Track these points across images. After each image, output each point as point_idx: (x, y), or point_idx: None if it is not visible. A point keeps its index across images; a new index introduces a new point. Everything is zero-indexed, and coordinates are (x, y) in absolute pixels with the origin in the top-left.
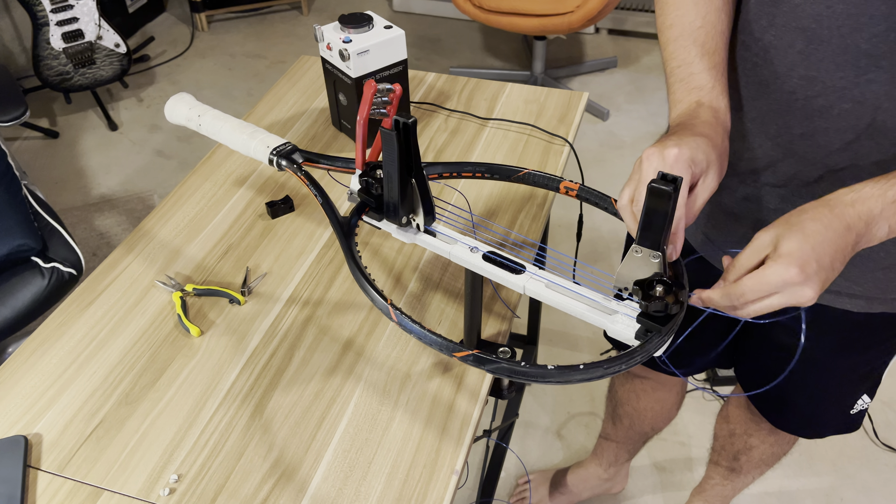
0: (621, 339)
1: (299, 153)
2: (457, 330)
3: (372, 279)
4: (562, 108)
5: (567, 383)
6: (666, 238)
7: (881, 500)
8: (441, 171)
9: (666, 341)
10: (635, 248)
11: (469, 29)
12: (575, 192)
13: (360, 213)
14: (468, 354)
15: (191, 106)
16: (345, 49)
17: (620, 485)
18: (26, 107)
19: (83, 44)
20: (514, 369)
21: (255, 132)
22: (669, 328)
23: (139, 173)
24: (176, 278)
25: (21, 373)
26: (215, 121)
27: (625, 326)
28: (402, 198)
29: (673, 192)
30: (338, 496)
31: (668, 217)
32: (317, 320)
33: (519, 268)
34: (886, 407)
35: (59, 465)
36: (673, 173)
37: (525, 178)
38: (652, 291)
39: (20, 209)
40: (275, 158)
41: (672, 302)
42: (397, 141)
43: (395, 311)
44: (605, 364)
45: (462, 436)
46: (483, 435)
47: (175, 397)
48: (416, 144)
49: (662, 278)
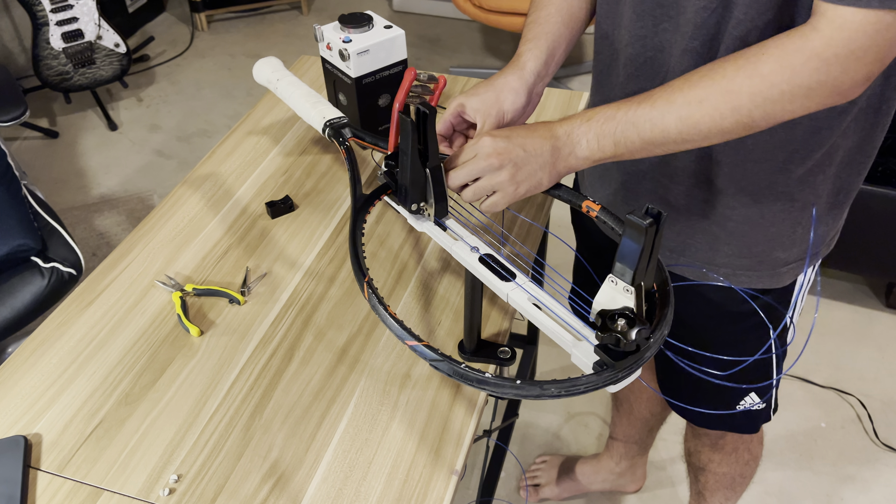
0: (580, 367)
1: (349, 129)
2: (457, 329)
3: (363, 255)
4: (562, 108)
5: (501, 397)
6: (640, 274)
7: (881, 500)
8: None
9: (621, 379)
10: (612, 277)
11: (469, 29)
12: (595, 214)
13: (378, 193)
14: (415, 344)
15: (274, 69)
16: (345, 49)
17: (636, 483)
18: (26, 107)
19: (83, 44)
20: (455, 369)
21: (318, 102)
22: (627, 367)
23: (139, 173)
24: (176, 278)
25: (21, 373)
26: (289, 86)
27: (584, 355)
28: (414, 184)
29: (648, 227)
30: (338, 496)
31: (641, 252)
32: (317, 320)
33: (508, 276)
34: (886, 407)
35: (59, 466)
36: (447, 118)
37: (549, 190)
38: (613, 324)
39: (20, 209)
40: (327, 129)
41: (631, 339)
42: (412, 128)
43: (368, 288)
44: (543, 385)
45: (462, 436)
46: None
47: (175, 397)
48: (433, 135)
49: (626, 312)
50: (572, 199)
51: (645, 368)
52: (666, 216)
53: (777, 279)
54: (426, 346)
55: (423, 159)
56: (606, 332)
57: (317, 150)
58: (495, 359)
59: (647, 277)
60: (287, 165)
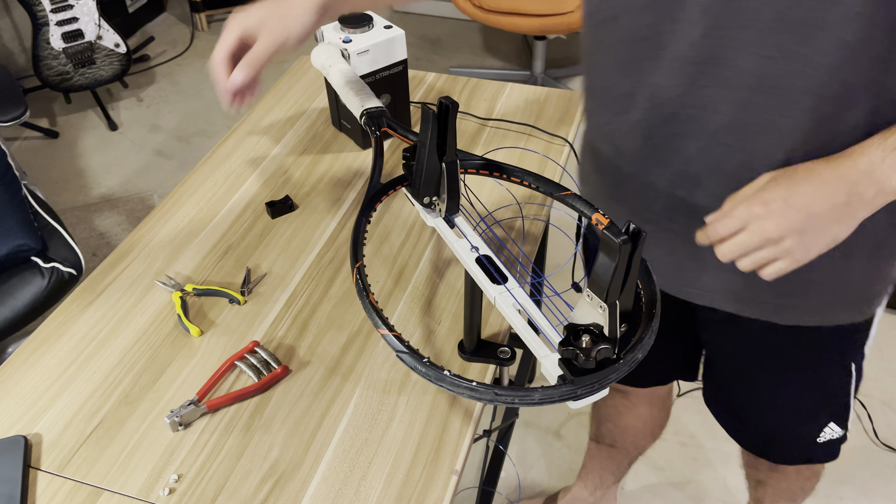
0: (547, 377)
1: (385, 119)
2: (457, 329)
3: (363, 242)
4: (562, 108)
5: (459, 395)
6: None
7: (881, 500)
8: (481, 166)
9: (582, 396)
10: (587, 293)
11: (469, 29)
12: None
13: (394, 183)
14: (386, 333)
15: (329, 55)
16: (345, 49)
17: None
18: (26, 107)
19: (83, 44)
20: (416, 364)
21: (361, 90)
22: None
23: (139, 173)
24: (176, 278)
25: (21, 373)
26: (339, 74)
27: (551, 366)
28: (429, 178)
29: (621, 245)
30: (338, 496)
31: (614, 270)
32: (317, 320)
33: (499, 279)
34: (886, 407)
35: (59, 465)
36: (228, 43)
37: (565, 199)
38: (577, 339)
39: (20, 209)
40: (364, 117)
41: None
42: (434, 119)
43: (357, 274)
44: (497, 391)
45: (462, 436)
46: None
47: (175, 397)
48: (453, 130)
49: (591, 328)
50: (583, 209)
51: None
52: (646, 235)
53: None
54: (396, 337)
55: (440, 153)
56: (568, 346)
57: (317, 150)
58: (495, 359)
59: (623, 297)
60: (287, 165)
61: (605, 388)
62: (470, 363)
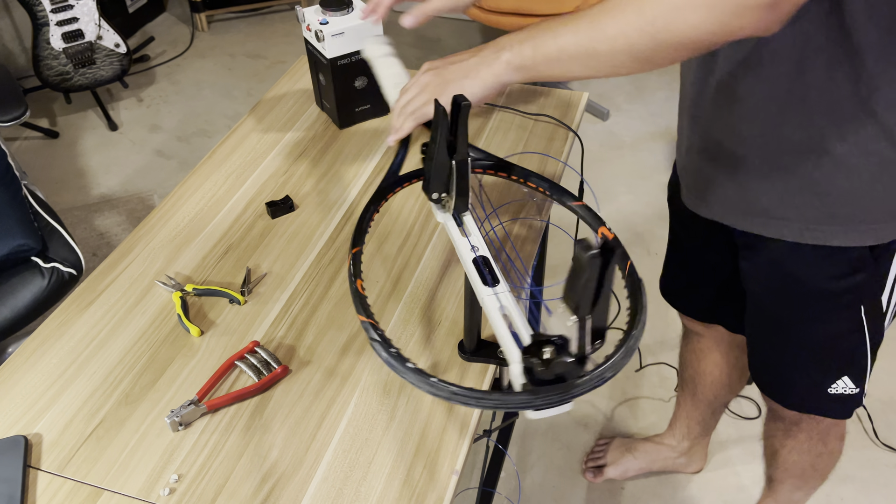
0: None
1: None
2: (458, 329)
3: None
4: (562, 108)
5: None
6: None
7: (881, 500)
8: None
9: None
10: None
11: (469, 29)
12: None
13: (409, 177)
14: (364, 321)
15: (379, 46)
16: (320, 30)
17: (697, 464)
18: (26, 107)
19: (83, 44)
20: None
21: (398, 85)
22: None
23: (139, 173)
24: (176, 278)
25: (21, 373)
26: (381, 67)
27: (517, 374)
28: (438, 174)
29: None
30: (338, 496)
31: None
32: (317, 320)
33: (491, 282)
34: (886, 407)
35: (59, 465)
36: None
37: (575, 209)
38: (539, 349)
39: (20, 209)
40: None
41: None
42: (445, 115)
43: (351, 259)
44: (455, 388)
45: (462, 436)
46: (483, 435)
47: (175, 397)
48: (464, 129)
49: (554, 340)
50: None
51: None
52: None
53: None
54: (370, 325)
55: (450, 151)
56: (528, 355)
57: (317, 150)
58: (495, 359)
59: (596, 313)
60: (287, 165)
61: (568, 402)
62: (470, 363)
